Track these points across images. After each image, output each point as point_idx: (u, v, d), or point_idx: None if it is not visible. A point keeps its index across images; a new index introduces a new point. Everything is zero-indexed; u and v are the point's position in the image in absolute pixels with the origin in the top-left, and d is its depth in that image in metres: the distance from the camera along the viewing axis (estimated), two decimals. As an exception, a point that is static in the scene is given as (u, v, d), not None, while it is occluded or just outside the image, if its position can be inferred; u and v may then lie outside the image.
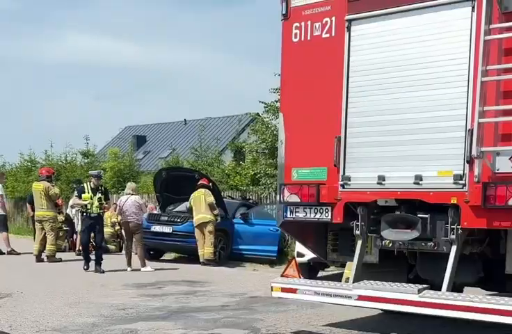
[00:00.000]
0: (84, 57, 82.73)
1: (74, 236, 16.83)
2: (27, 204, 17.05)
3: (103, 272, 12.56)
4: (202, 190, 14.46)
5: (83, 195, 12.84)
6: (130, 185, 13.88)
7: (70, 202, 14.68)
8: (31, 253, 14.73)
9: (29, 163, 26.56)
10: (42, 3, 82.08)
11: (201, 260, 14.08)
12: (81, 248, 16.08)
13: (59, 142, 52.78)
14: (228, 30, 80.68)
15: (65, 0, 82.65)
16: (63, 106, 79.34)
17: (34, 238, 15.46)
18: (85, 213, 12.95)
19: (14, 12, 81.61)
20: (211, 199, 14.24)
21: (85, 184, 13.18)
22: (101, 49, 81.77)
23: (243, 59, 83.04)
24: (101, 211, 13.04)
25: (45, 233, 14.45)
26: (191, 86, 77.26)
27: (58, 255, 14.67)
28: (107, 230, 17.11)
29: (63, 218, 16.52)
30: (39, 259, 14.37)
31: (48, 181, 14.58)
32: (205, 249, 14.02)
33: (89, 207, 12.73)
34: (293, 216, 6.93)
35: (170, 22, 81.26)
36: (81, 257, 15.05)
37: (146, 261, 13.25)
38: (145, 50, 78.74)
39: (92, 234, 13.36)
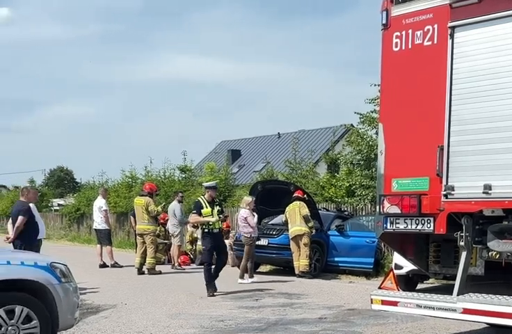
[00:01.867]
0: (182, 76, 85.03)
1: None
2: (131, 218, 17.48)
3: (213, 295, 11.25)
4: (297, 202, 14.44)
5: (202, 211, 11.56)
6: (244, 199, 14.02)
7: (190, 220, 13.03)
8: (133, 266, 15.11)
9: (130, 180, 27.24)
10: (141, 25, 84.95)
11: (296, 272, 14.03)
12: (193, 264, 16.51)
13: (158, 158, 54.19)
14: (319, 44, 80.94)
15: (163, 22, 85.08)
16: (162, 123, 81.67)
17: (136, 251, 15.83)
18: (206, 230, 11.66)
19: (118, 33, 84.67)
20: (306, 211, 14.20)
21: (199, 199, 11.96)
22: (198, 68, 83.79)
23: (336, 72, 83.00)
24: (222, 226, 12.16)
25: (146, 246, 14.79)
26: (285, 101, 78.07)
27: (158, 268, 14.97)
28: (200, 245, 17.32)
29: (159, 232, 16.86)
30: (140, 271, 14.71)
31: (150, 197, 14.94)
32: (300, 261, 13.96)
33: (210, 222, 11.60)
34: (394, 227, 6.82)
35: (264, 40, 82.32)
36: (177, 270, 15.37)
37: (245, 274, 13.27)
38: (239, 68, 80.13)
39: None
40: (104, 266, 16.33)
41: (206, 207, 11.57)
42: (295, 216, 14.25)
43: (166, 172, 25.74)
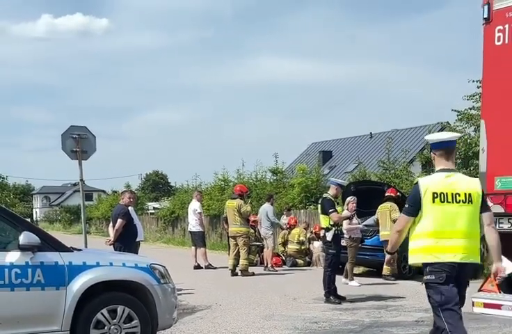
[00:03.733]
0: (272, 78, 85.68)
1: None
2: (223, 221, 17.63)
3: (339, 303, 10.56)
4: (388, 204, 14.10)
5: (338, 209, 10.88)
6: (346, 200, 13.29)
7: (334, 218, 10.80)
8: (226, 267, 15.22)
9: (223, 182, 27.50)
10: (232, 29, 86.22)
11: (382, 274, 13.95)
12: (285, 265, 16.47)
13: (250, 161, 54.72)
14: (411, 42, 79.66)
15: (253, 26, 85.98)
16: (254, 126, 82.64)
17: (228, 253, 15.94)
18: (336, 232, 10.83)
19: (208, 39, 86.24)
20: (397, 215, 13.85)
21: (329, 197, 10.94)
22: (287, 70, 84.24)
23: (433, 68, 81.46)
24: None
25: (239, 248, 14.85)
26: (378, 100, 77.28)
27: (251, 269, 15.01)
28: (292, 247, 17.29)
29: (253, 234, 16.92)
30: (233, 273, 14.78)
31: (241, 199, 15.00)
32: (384, 266, 13.78)
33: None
34: (497, 227, 6.56)
35: (353, 39, 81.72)
36: (269, 272, 15.33)
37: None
38: (328, 68, 79.99)
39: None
40: (198, 267, 16.53)
41: (338, 205, 11.13)
42: (385, 220, 13.98)
43: (258, 175, 25.85)
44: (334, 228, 10.79)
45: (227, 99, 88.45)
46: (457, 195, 5.16)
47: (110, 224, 11.34)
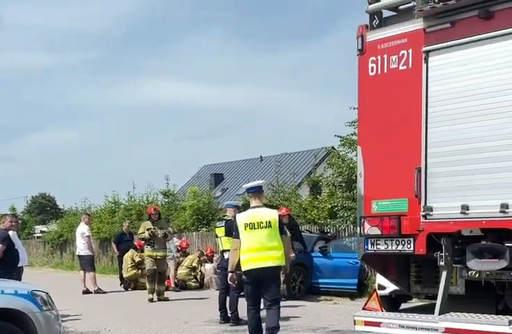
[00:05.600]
0: (165, 101, 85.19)
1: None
2: (112, 244, 17.45)
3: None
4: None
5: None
6: None
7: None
8: (117, 292, 15.06)
9: (113, 205, 27.23)
10: (123, 52, 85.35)
11: None
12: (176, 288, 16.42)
13: (141, 183, 54.02)
14: (301, 68, 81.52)
15: (145, 49, 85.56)
16: (146, 148, 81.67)
17: (119, 276, 15.72)
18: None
19: (98, 61, 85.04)
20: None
21: (230, 218, 10.63)
22: (180, 94, 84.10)
23: (319, 94, 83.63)
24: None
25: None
26: (267, 125, 78.30)
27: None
28: (182, 271, 17.27)
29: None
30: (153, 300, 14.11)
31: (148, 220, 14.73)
32: None
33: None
34: (375, 248, 6.91)
35: (244, 66, 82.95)
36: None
37: None
38: (221, 93, 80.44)
39: None
40: (87, 292, 16.19)
41: None
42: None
43: (149, 197, 25.74)
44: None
45: (117, 121, 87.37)
46: (261, 223, 7.56)
47: None
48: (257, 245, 7.52)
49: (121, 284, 17.64)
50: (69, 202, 69.68)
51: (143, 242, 14.56)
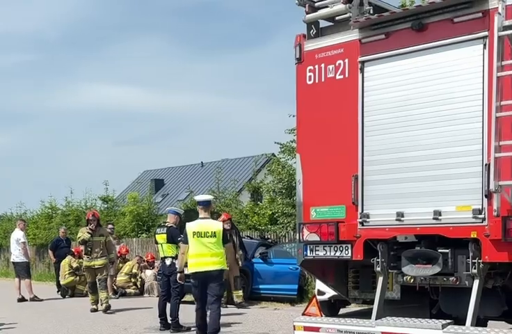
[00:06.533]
0: (104, 106, 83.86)
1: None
2: (49, 250, 17.15)
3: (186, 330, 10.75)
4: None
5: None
6: None
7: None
8: (53, 299, 14.81)
9: (50, 210, 26.79)
10: (59, 54, 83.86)
11: None
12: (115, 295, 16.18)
13: (79, 188, 53.10)
14: (243, 75, 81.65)
15: (82, 52, 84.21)
16: (83, 153, 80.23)
17: (56, 283, 15.47)
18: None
19: (35, 64, 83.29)
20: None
21: (172, 225, 11.06)
22: (120, 99, 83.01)
23: (259, 101, 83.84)
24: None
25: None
26: (207, 131, 77.95)
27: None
28: (121, 278, 17.10)
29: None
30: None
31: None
32: (233, 292, 13.98)
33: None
34: (314, 254, 6.99)
35: (186, 72, 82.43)
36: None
37: None
38: (163, 98, 79.71)
39: None
40: (22, 300, 15.86)
41: None
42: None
43: (88, 203, 25.44)
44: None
45: (54, 126, 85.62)
46: (207, 233, 8.78)
47: None
48: (203, 252, 8.74)
49: (58, 292, 17.37)
50: (3, 207, 68.00)
51: (81, 249, 14.13)
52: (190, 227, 8.84)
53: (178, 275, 9.49)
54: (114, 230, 17.86)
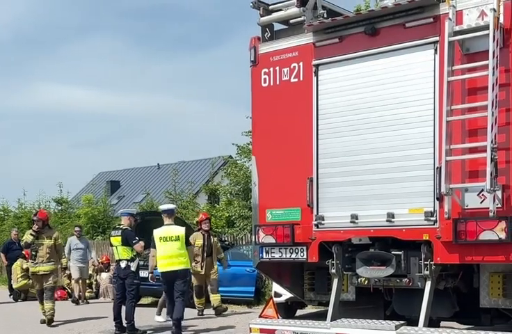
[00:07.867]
0: (59, 107, 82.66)
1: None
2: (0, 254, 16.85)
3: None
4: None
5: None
6: None
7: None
8: (5, 303, 14.58)
9: (2, 212, 26.37)
10: (13, 54, 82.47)
11: None
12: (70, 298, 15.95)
13: (33, 190, 52.25)
14: (199, 76, 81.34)
15: (37, 52, 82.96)
16: (37, 154, 79.04)
17: (8, 287, 15.21)
18: (139, 262, 11.10)
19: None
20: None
21: (126, 227, 10.87)
22: (74, 99, 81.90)
23: (215, 103, 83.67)
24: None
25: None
26: (164, 132, 77.47)
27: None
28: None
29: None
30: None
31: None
32: (211, 295, 13.82)
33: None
34: (269, 256, 7.01)
35: (141, 74, 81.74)
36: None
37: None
38: (118, 100, 78.97)
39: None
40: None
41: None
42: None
43: (41, 205, 25.09)
44: (137, 259, 10.80)
45: (11, 126, 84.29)
46: (171, 237, 9.98)
47: None
48: (169, 254, 9.90)
49: (10, 295, 17.08)
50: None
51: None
52: (157, 233, 10.03)
53: (149, 275, 10.87)
54: (82, 232, 17.53)
